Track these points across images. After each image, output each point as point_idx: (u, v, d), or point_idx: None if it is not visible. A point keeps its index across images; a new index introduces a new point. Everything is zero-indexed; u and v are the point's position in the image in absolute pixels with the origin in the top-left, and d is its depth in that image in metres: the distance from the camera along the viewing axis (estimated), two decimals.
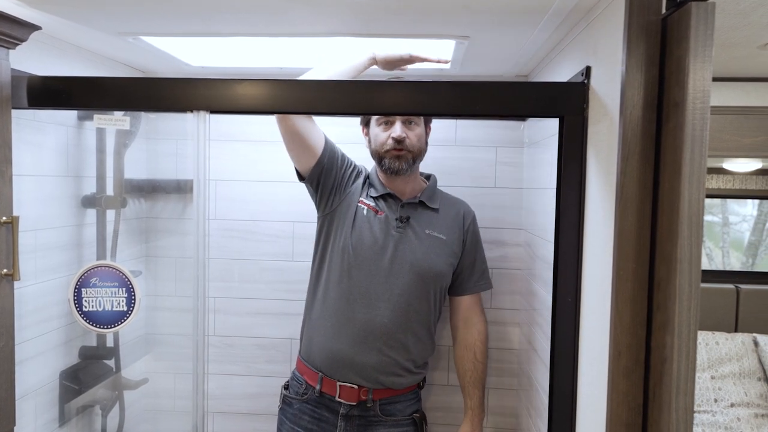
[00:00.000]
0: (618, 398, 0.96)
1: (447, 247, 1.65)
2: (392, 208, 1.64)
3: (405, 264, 1.59)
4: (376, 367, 1.58)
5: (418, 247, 1.61)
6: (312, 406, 1.63)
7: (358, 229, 1.60)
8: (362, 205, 1.63)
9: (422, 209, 1.66)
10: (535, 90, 1.20)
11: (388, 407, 1.62)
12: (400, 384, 1.62)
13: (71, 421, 1.67)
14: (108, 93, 1.23)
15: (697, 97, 0.86)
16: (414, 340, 1.61)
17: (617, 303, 0.96)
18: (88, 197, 1.69)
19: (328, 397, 1.61)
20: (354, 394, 1.59)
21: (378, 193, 1.65)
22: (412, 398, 1.68)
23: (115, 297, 1.37)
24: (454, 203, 1.75)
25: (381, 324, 1.57)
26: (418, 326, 1.62)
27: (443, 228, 1.66)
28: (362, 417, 1.61)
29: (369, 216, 1.62)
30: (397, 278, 1.58)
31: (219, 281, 2.05)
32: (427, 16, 1.26)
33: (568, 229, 1.16)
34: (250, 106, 1.20)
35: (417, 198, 1.66)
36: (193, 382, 1.34)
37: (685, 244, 0.87)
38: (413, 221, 1.63)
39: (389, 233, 1.61)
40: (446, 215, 1.69)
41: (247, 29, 1.41)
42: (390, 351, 1.58)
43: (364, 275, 1.58)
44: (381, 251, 1.59)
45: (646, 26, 0.93)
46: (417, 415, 1.67)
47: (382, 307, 1.57)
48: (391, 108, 1.26)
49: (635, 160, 0.94)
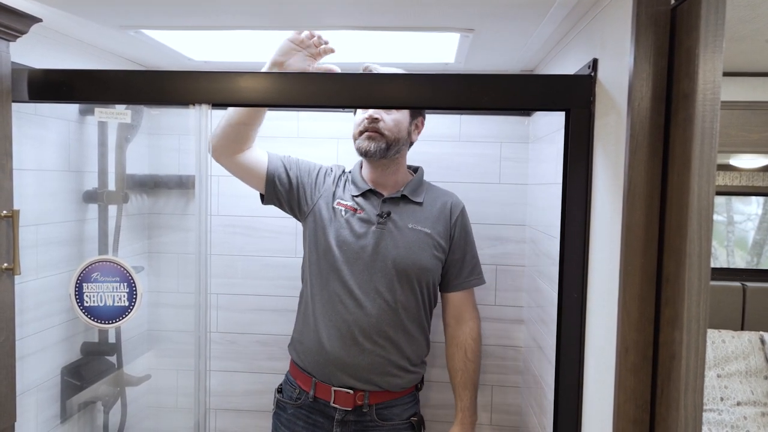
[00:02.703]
0: (625, 395, 0.94)
1: (432, 241, 1.61)
2: (374, 205, 1.61)
3: (388, 260, 1.56)
4: (369, 367, 1.54)
5: (400, 242, 1.57)
6: (306, 411, 1.60)
7: (338, 231, 1.57)
8: (340, 207, 1.61)
9: (405, 203, 1.63)
10: (541, 83, 1.18)
11: (384, 411, 1.59)
12: (396, 385, 1.59)
13: (73, 417, 1.66)
14: (109, 86, 1.22)
15: (708, 88, 0.85)
16: (405, 337, 1.58)
17: (624, 299, 0.94)
18: (89, 192, 1.68)
19: (322, 403, 1.58)
20: (349, 399, 1.55)
21: (359, 191, 1.62)
22: (409, 401, 1.64)
23: (117, 292, 1.36)
24: (441, 196, 1.69)
25: (369, 323, 1.54)
26: (409, 323, 1.58)
27: (427, 222, 1.62)
28: (358, 422, 1.57)
29: (348, 216, 1.59)
30: (381, 275, 1.55)
31: (221, 277, 2.04)
32: (431, 9, 1.25)
33: (574, 225, 1.15)
34: (253, 99, 1.18)
35: (399, 192, 1.63)
36: (195, 379, 1.33)
37: (694, 239, 0.85)
38: (395, 216, 1.60)
39: (370, 230, 1.57)
40: (431, 208, 1.65)
41: (249, 22, 1.40)
42: (382, 350, 1.55)
43: (349, 275, 1.55)
44: (363, 249, 1.56)
45: (654, 16, 0.91)
46: (415, 419, 1.63)
47: (369, 306, 1.54)
48: (394, 101, 1.25)
49: (643, 153, 0.93)
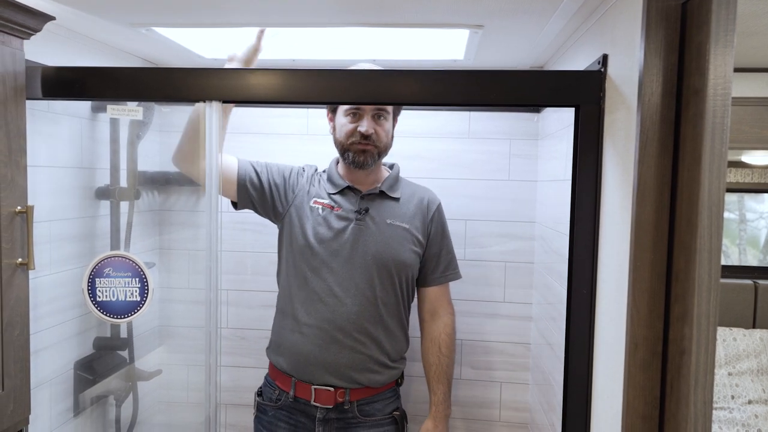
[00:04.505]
0: (635, 391, 0.94)
1: (410, 236, 1.61)
2: (351, 201, 1.60)
3: (367, 256, 1.56)
4: (350, 365, 1.54)
5: (379, 237, 1.57)
6: (287, 412, 1.59)
7: (316, 229, 1.57)
8: (317, 205, 1.60)
9: (383, 199, 1.63)
10: (551, 79, 1.18)
11: (366, 407, 1.58)
12: (377, 381, 1.58)
13: (86, 411, 1.68)
14: (121, 83, 1.23)
15: (718, 83, 0.84)
16: (385, 333, 1.58)
17: (634, 294, 0.94)
18: (101, 189, 1.70)
19: (303, 402, 1.57)
20: (330, 397, 1.55)
21: (336, 189, 1.62)
22: (390, 396, 1.64)
23: (129, 287, 1.37)
24: (418, 192, 1.70)
25: (350, 320, 1.54)
26: (389, 319, 1.59)
27: (405, 217, 1.62)
28: (340, 420, 1.57)
29: (326, 214, 1.59)
30: (360, 271, 1.55)
31: (232, 274, 2.05)
32: (440, 5, 1.25)
33: (583, 220, 1.14)
34: (263, 95, 1.19)
35: (377, 188, 1.62)
36: (205, 374, 1.34)
37: (705, 234, 0.85)
38: (373, 212, 1.60)
39: (349, 227, 1.57)
40: (408, 204, 1.65)
41: (259, 19, 1.40)
42: (362, 347, 1.55)
43: (328, 273, 1.55)
44: (342, 246, 1.56)
45: (665, 11, 0.91)
46: (397, 413, 1.63)
47: (349, 303, 1.54)
48: (404, 98, 1.25)
49: (653, 149, 0.92)
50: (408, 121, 2.00)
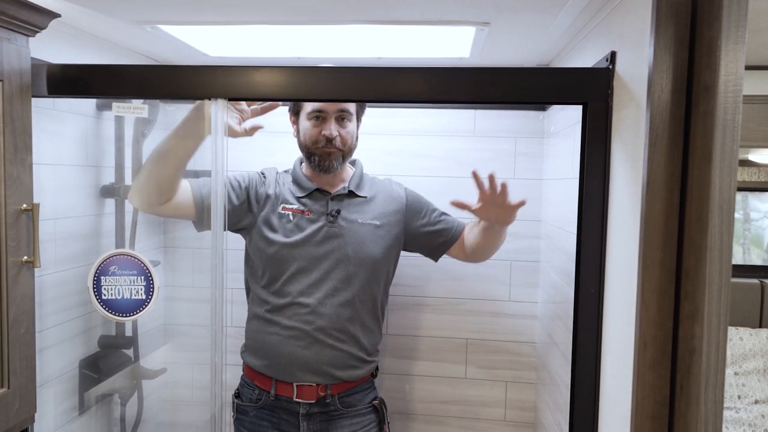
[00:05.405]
0: (644, 391, 0.93)
1: (383, 232, 1.61)
2: (321, 203, 1.60)
3: (343, 258, 1.56)
4: (331, 362, 1.55)
5: (352, 238, 1.57)
6: (269, 411, 1.59)
7: (289, 236, 1.56)
8: (286, 211, 1.59)
9: (351, 198, 1.62)
10: (558, 76, 1.17)
11: (347, 399, 1.60)
12: (357, 376, 1.60)
13: (91, 409, 1.68)
14: (126, 81, 1.23)
15: (729, 80, 0.83)
16: (363, 330, 1.60)
17: (643, 293, 0.93)
18: (106, 187, 1.70)
19: (284, 399, 1.57)
20: (312, 393, 1.55)
21: (304, 192, 1.61)
22: (368, 387, 1.66)
23: (134, 285, 1.37)
24: (382, 185, 1.70)
25: (329, 320, 1.54)
26: (366, 316, 1.60)
27: (376, 214, 1.62)
28: (323, 413, 1.58)
29: (296, 219, 1.58)
30: (337, 273, 1.55)
31: (237, 272, 2.04)
32: (446, 2, 1.24)
33: (591, 219, 1.14)
34: (268, 93, 1.19)
35: (345, 188, 1.62)
36: (211, 373, 1.34)
37: (715, 232, 0.84)
38: (344, 213, 1.59)
39: (321, 230, 1.57)
40: (377, 200, 1.65)
41: (264, 17, 1.40)
42: (342, 345, 1.56)
43: (304, 277, 1.55)
44: (316, 250, 1.56)
45: (675, 7, 0.90)
46: (376, 401, 1.66)
47: (328, 305, 1.54)
48: (409, 95, 1.24)
49: (663, 146, 0.91)
50: (413, 119, 2.00)
